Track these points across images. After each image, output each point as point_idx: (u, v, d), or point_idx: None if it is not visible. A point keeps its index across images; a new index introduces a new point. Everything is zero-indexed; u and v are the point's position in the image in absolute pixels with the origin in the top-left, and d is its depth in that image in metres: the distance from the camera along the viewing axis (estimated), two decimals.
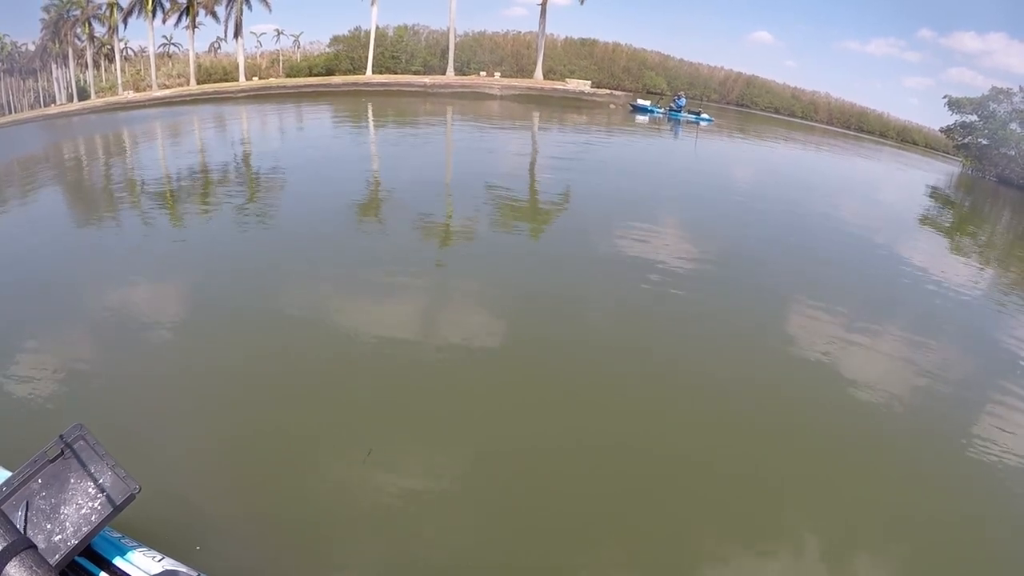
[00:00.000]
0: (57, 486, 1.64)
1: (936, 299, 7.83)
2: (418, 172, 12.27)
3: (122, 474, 1.70)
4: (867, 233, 11.27)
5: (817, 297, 6.89)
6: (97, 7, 34.89)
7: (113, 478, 1.68)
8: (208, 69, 36.82)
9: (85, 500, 1.64)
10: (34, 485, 1.63)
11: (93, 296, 5.72)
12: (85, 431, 1.75)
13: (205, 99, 30.97)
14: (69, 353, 4.58)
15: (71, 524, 1.59)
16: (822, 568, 3.08)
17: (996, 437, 4.44)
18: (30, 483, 1.63)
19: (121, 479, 1.69)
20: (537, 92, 32.06)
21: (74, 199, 10.72)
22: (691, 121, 27.46)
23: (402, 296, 5.89)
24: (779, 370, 5.09)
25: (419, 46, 37.82)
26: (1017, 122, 32.93)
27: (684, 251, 8.05)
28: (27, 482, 1.62)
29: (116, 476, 1.69)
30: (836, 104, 40.58)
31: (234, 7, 33.73)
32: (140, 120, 23.78)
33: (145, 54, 36.16)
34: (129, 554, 1.70)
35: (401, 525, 3.01)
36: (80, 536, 1.58)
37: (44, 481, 1.64)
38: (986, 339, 6.84)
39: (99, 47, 36.71)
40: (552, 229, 8.89)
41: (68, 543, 1.56)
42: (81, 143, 19.33)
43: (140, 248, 7.25)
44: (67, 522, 1.59)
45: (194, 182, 11.44)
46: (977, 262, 11.56)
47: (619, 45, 39.43)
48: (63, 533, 1.57)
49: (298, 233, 7.63)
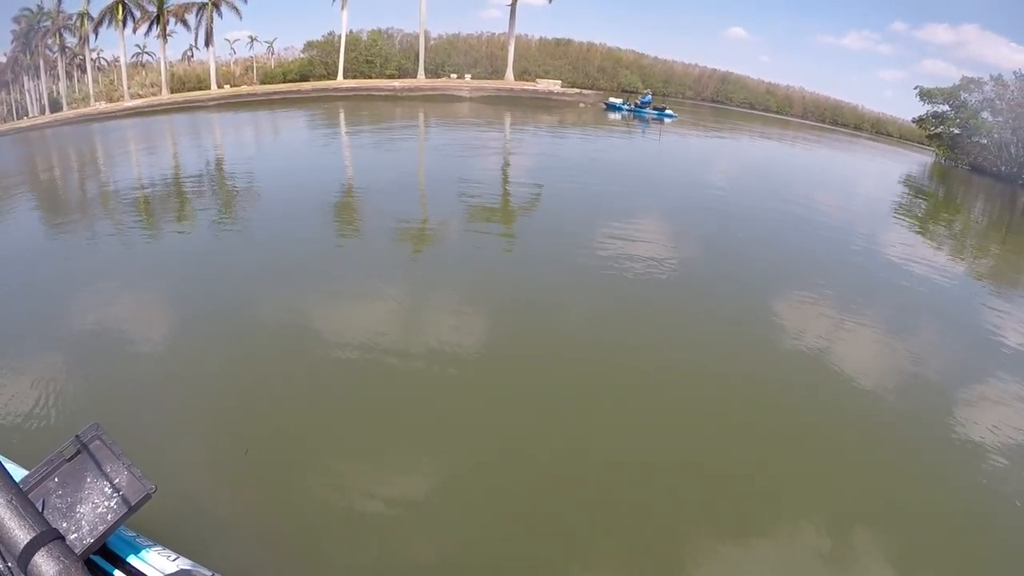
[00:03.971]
0: (73, 485, 1.65)
1: (913, 288, 7.91)
2: (380, 175, 12.31)
3: (138, 474, 1.69)
4: (841, 225, 11.36)
5: (797, 291, 6.96)
6: (68, 17, 34.89)
7: (129, 478, 1.68)
8: (182, 77, 36.79)
9: (101, 499, 1.64)
10: (50, 484, 1.63)
11: (85, 308, 5.74)
12: (101, 431, 1.74)
13: (176, 108, 30.94)
14: (68, 360, 4.65)
15: (87, 523, 1.59)
16: (819, 564, 3.08)
17: (982, 422, 4.52)
18: (46, 481, 1.63)
19: (137, 479, 1.68)
20: (507, 93, 32.12)
21: (49, 208, 10.71)
22: (654, 117, 27.55)
23: (392, 300, 5.90)
24: (767, 367, 5.09)
25: (393, 50, 37.87)
26: (989, 111, 33.17)
27: (660, 250, 8.00)
28: (43, 480, 1.63)
29: (132, 476, 1.69)
30: (811, 98, 40.79)
31: (204, 15, 33.72)
32: (113, 131, 23.79)
33: (118, 64, 36.11)
34: (144, 553, 1.70)
35: (402, 524, 3.07)
36: (96, 535, 1.58)
37: (60, 480, 1.65)
38: (967, 326, 6.94)
39: (71, 58, 36.63)
40: (523, 231, 8.89)
41: (84, 541, 1.56)
42: (54, 155, 19.36)
43: (137, 257, 7.33)
44: (83, 520, 1.59)
45: (180, 193, 11.43)
46: (949, 250, 11.66)
47: (593, 45, 39.61)
48: (79, 531, 1.57)
49: (284, 241, 7.63)
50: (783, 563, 3.06)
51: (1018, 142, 31.20)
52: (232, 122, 25.34)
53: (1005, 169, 31.78)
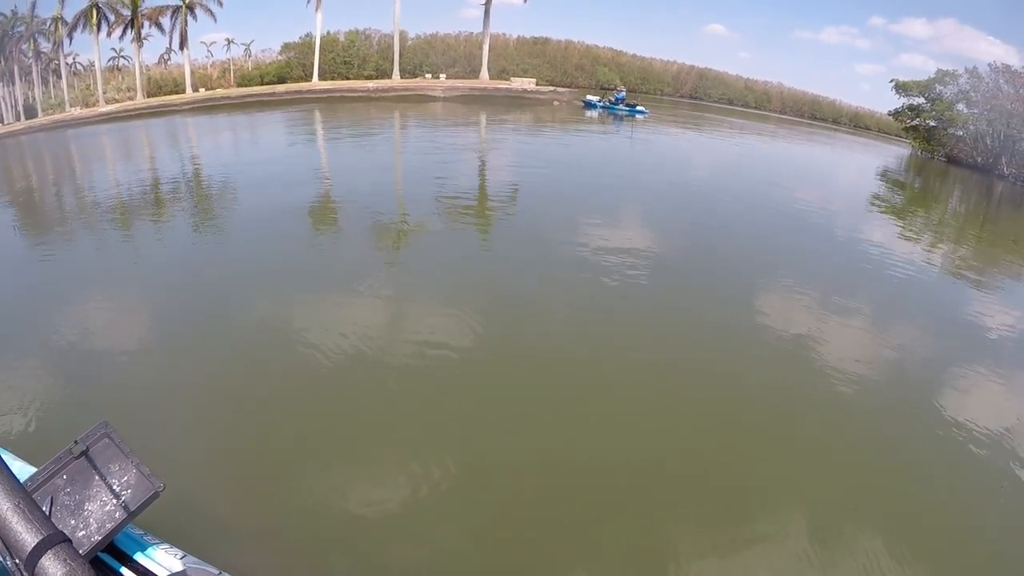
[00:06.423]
0: (82, 482, 1.65)
1: (893, 280, 7.97)
2: (352, 175, 12.35)
3: (146, 472, 1.70)
4: (821, 218, 11.42)
5: (783, 287, 7.00)
6: (42, 22, 34.67)
7: (137, 476, 1.69)
8: (158, 81, 36.63)
9: (109, 497, 1.64)
10: (59, 481, 1.63)
11: (89, 310, 5.79)
12: (110, 429, 1.74)
13: (151, 113, 30.76)
14: (76, 361, 4.70)
15: (95, 520, 1.59)
16: (815, 559, 3.06)
17: (963, 410, 4.58)
18: (55, 479, 1.63)
19: (146, 477, 1.69)
20: (480, 92, 32.09)
21: (32, 217, 10.65)
22: (627, 114, 27.61)
23: (383, 303, 5.91)
24: (757, 365, 5.09)
25: (371, 51, 37.78)
26: (964, 103, 33.31)
27: (640, 247, 7.99)
28: (52, 478, 1.63)
29: (140, 474, 1.69)
30: (789, 93, 40.93)
31: (179, 18, 33.58)
32: (88, 136, 23.64)
33: (94, 69, 35.92)
34: (151, 550, 1.69)
35: (402, 522, 3.10)
36: (104, 532, 1.58)
37: (69, 477, 1.65)
38: (946, 317, 7.02)
39: (46, 63, 36.43)
40: (498, 230, 8.88)
41: (92, 539, 1.56)
42: (30, 164, 19.20)
43: (132, 263, 7.34)
44: (91, 518, 1.60)
45: (158, 200, 11.30)
46: (928, 241, 11.75)
47: (571, 43, 39.65)
48: (87, 529, 1.58)
49: (273, 244, 7.61)
50: (775, 557, 3.06)
51: (993, 133, 31.35)
52: (206, 126, 25.24)
53: (981, 160, 31.93)
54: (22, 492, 0.81)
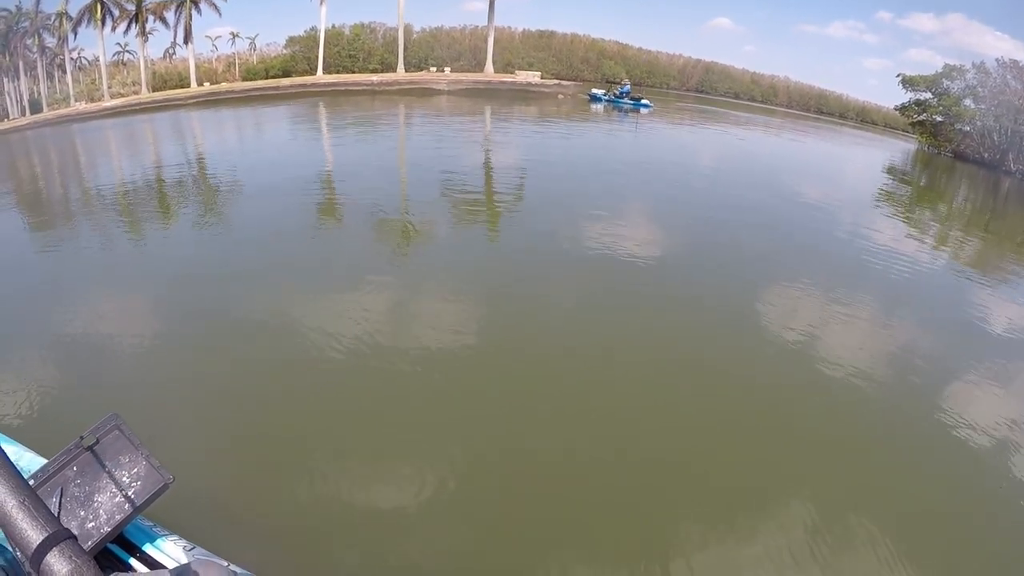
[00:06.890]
0: (91, 474, 1.66)
1: (898, 276, 7.91)
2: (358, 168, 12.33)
3: (156, 464, 1.71)
4: (827, 213, 11.34)
5: (785, 282, 6.97)
6: (47, 17, 34.76)
7: (147, 468, 1.70)
8: (163, 75, 36.68)
9: (119, 488, 1.66)
10: (69, 472, 1.65)
11: (98, 304, 5.81)
12: (120, 421, 1.76)
13: (156, 107, 30.80)
14: (85, 354, 4.71)
15: (104, 512, 1.61)
16: (815, 559, 3.06)
17: (967, 409, 4.56)
18: (65, 470, 1.65)
19: (155, 469, 1.70)
20: (484, 85, 31.96)
21: (39, 212, 10.59)
22: (631, 107, 27.52)
23: (388, 299, 5.87)
24: (761, 362, 5.04)
25: (376, 44, 37.72)
26: (971, 98, 33.06)
27: (646, 242, 7.95)
28: (62, 469, 1.65)
29: (150, 466, 1.70)
30: (795, 87, 40.64)
31: (183, 12, 33.58)
32: (94, 131, 23.66)
33: (99, 63, 35.99)
34: (160, 542, 1.70)
35: (405, 520, 3.11)
36: (113, 524, 1.60)
37: (79, 469, 1.66)
38: (952, 314, 6.97)
39: (51, 58, 36.53)
40: (505, 227, 8.79)
41: (101, 530, 1.58)
42: (36, 159, 19.19)
43: (136, 258, 7.31)
44: (100, 510, 1.62)
45: (161, 194, 11.31)
46: (934, 237, 11.70)
47: (577, 36, 39.44)
48: (96, 520, 1.60)
49: (281, 242, 7.54)
50: (776, 557, 3.05)
51: (1000, 129, 31.13)
52: (211, 120, 25.25)
53: (988, 156, 31.74)
54: (27, 489, 0.82)
